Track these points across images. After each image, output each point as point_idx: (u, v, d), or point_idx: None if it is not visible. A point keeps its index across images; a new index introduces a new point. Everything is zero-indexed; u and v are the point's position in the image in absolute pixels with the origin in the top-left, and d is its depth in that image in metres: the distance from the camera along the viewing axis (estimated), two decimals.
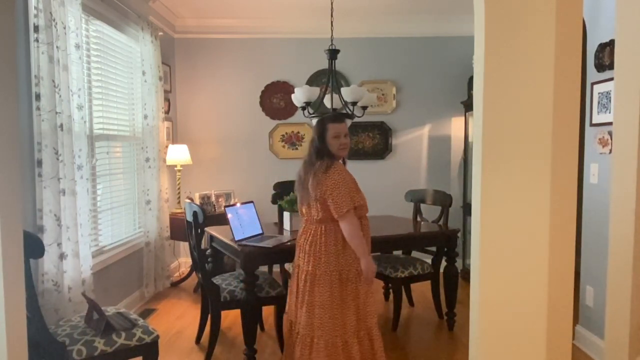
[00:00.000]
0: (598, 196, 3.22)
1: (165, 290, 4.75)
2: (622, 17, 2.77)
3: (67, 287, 3.00)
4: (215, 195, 5.06)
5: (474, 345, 1.99)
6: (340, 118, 2.80)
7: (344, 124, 2.74)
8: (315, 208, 2.66)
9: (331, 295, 2.64)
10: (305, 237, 2.75)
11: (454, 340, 3.67)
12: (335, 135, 2.69)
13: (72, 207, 3.05)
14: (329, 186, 2.59)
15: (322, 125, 2.73)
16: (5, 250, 1.78)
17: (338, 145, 2.69)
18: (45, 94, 2.84)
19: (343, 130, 2.71)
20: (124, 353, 2.47)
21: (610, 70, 3.01)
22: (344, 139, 2.71)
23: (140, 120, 4.46)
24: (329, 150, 2.69)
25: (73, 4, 3.15)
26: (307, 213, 2.75)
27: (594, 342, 3.28)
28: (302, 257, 2.74)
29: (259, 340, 3.51)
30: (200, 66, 5.54)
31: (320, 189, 2.60)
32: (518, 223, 1.88)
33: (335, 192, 2.58)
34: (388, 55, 5.57)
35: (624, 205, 2.81)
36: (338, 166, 2.65)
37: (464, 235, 5.21)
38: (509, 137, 1.86)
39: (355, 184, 2.69)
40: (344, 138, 2.70)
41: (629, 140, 2.77)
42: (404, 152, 5.64)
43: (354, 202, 2.60)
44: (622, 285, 2.83)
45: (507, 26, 1.83)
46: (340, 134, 2.70)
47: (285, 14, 5.21)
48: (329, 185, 2.59)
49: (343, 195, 2.57)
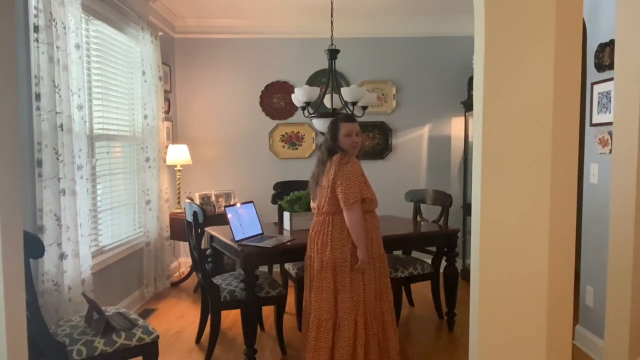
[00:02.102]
0: (598, 196, 3.21)
1: (165, 290, 4.75)
2: (622, 17, 2.77)
3: (67, 287, 3.00)
4: (215, 195, 5.06)
5: (474, 345, 1.99)
6: (352, 118, 2.98)
7: (355, 123, 2.93)
8: (325, 199, 2.85)
9: (336, 282, 2.82)
10: (315, 230, 2.93)
11: (454, 340, 3.67)
12: (347, 134, 2.86)
13: (72, 207, 3.05)
14: (341, 176, 2.77)
15: (335, 124, 2.92)
16: (5, 250, 1.78)
17: (350, 143, 2.86)
18: (45, 94, 2.84)
19: (355, 129, 2.89)
20: (124, 353, 2.47)
21: (610, 70, 3.01)
22: (356, 137, 2.88)
23: (140, 120, 4.46)
24: (340, 148, 2.87)
25: (73, 4, 3.15)
26: (317, 207, 2.94)
27: (594, 342, 3.28)
28: (312, 248, 2.92)
29: (259, 340, 3.51)
30: (200, 66, 5.54)
31: (334, 178, 2.79)
32: (518, 223, 1.88)
33: (345, 182, 2.75)
34: (388, 55, 5.57)
35: (624, 205, 2.82)
36: (353, 160, 2.85)
37: (464, 235, 5.21)
38: (509, 137, 1.86)
39: (366, 179, 2.88)
40: (355, 136, 2.87)
41: (629, 140, 2.78)
42: (404, 152, 5.64)
43: (362, 195, 2.78)
44: (622, 285, 2.83)
45: (507, 26, 1.83)
46: (352, 133, 2.87)
47: (285, 14, 5.21)
48: (341, 176, 2.77)
49: (353, 186, 2.75)
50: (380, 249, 2.96)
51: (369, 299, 2.86)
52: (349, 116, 3.05)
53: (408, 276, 3.78)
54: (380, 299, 2.92)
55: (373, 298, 2.88)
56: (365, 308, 2.85)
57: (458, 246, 3.98)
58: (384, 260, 2.97)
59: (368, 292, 2.86)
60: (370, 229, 2.89)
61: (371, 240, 2.88)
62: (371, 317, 2.87)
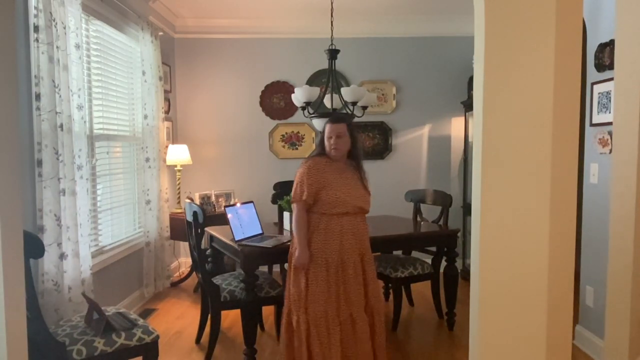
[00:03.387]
0: (598, 196, 3.21)
1: (165, 290, 4.75)
2: (622, 17, 2.77)
3: (67, 287, 3.00)
4: (215, 195, 5.06)
5: (474, 345, 1.99)
6: (336, 119, 2.91)
7: (338, 125, 2.85)
8: None
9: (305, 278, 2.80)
10: None
11: (454, 340, 3.67)
12: (328, 136, 2.86)
13: (72, 207, 3.05)
14: (295, 177, 2.88)
15: (325, 125, 2.93)
16: (5, 250, 1.77)
17: (329, 146, 2.85)
18: (45, 94, 2.84)
19: (334, 131, 2.83)
20: (124, 353, 2.47)
21: (610, 70, 3.01)
22: (335, 139, 2.82)
23: (140, 120, 4.46)
24: (323, 149, 2.88)
25: (73, 4, 3.15)
26: None
27: (594, 342, 3.28)
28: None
29: (259, 340, 3.50)
30: (200, 66, 5.54)
31: None
32: (518, 223, 1.88)
33: (295, 183, 2.86)
34: (388, 55, 5.57)
35: (624, 205, 2.82)
36: (309, 162, 2.86)
37: (464, 235, 5.21)
38: (509, 137, 1.86)
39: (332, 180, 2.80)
40: (335, 139, 2.82)
41: (629, 140, 2.78)
42: (404, 152, 5.64)
43: (304, 197, 2.79)
44: (622, 285, 2.83)
45: (507, 26, 1.83)
46: (332, 136, 2.83)
47: (285, 14, 5.21)
48: (295, 176, 2.88)
49: (297, 187, 2.83)
50: (354, 256, 2.82)
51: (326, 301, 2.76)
52: (335, 117, 2.97)
53: (408, 276, 3.78)
54: (348, 305, 2.79)
55: (334, 301, 2.77)
56: (315, 311, 2.75)
57: (458, 246, 3.98)
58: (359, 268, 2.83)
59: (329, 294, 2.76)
60: (335, 232, 2.79)
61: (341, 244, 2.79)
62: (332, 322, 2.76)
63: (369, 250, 2.94)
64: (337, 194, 2.78)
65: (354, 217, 2.85)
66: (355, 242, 2.84)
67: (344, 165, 2.89)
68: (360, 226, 2.88)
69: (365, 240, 2.92)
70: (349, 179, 2.86)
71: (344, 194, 2.79)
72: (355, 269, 2.83)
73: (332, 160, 2.86)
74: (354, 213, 2.84)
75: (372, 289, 2.89)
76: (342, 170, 2.86)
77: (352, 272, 2.81)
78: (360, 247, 2.87)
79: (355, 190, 2.84)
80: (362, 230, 2.89)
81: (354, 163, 2.93)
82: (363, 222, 2.91)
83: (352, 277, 2.81)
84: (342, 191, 2.80)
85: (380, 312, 2.92)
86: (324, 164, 2.84)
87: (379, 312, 2.91)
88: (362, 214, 2.91)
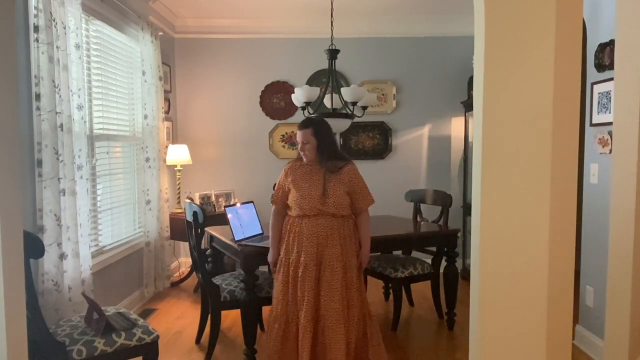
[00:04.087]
0: (598, 196, 3.21)
1: (165, 290, 4.75)
2: (622, 17, 2.77)
3: (67, 287, 3.00)
4: (215, 195, 5.06)
5: (474, 345, 1.99)
6: (302, 125, 2.89)
7: (303, 131, 2.85)
8: None
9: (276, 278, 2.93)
10: None
11: (454, 340, 3.67)
12: (297, 142, 2.90)
13: (72, 207, 3.05)
14: None
15: None
16: (5, 250, 1.77)
17: (299, 150, 2.91)
18: (45, 94, 2.84)
19: (300, 137, 2.86)
20: (124, 353, 2.47)
21: (610, 70, 3.01)
22: (301, 146, 2.86)
23: (140, 120, 4.46)
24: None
25: (73, 4, 3.15)
26: None
27: (594, 342, 3.28)
28: None
29: (259, 340, 3.50)
30: (200, 66, 5.54)
31: None
32: (518, 223, 1.88)
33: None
34: (388, 55, 5.57)
35: (624, 205, 2.81)
36: (286, 166, 2.99)
37: (464, 235, 5.21)
38: (509, 137, 1.86)
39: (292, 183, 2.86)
40: (301, 145, 2.87)
41: (629, 140, 2.77)
42: (404, 152, 5.64)
43: (274, 199, 2.97)
44: (622, 285, 2.83)
45: (507, 26, 1.83)
46: (300, 142, 2.87)
47: (285, 14, 5.21)
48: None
49: (275, 191, 2.99)
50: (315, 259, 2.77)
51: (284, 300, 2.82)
52: (302, 122, 2.89)
53: (408, 276, 3.78)
54: (316, 308, 2.77)
55: (294, 303, 2.80)
56: (276, 310, 2.85)
57: (458, 246, 3.98)
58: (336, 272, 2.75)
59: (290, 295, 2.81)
60: (296, 234, 2.82)
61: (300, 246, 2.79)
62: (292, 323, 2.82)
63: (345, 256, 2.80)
64: (296, 196, 2.84)
65: (314, 220, 2.78)
66: (315, 245, 2.77)
67: (314, 168, 2.87)
68: (323, 229, 2.77)
69: (334, 244, 2.78)
70: (313, 181, 2.82)
71: (301, 196, 2.81)
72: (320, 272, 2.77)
73: (306, 164, 2.89)
74: (313, 215, 2.78)
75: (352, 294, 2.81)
76: (310, 173, 2.86)
77: (314, 275, 2.77)
78: (323, 251, 2.77)
79: (314, 192, 2.78)
80: (329, 233, 2.77)
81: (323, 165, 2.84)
82: (330, 226, 2.78)
83: (312, 280, 2.76)
84: (301, 194, 2.82)
85: (370, 317, 2.93)
86: (297, 168, 2.92)
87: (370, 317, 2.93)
88: (328, 216, 2.78)
